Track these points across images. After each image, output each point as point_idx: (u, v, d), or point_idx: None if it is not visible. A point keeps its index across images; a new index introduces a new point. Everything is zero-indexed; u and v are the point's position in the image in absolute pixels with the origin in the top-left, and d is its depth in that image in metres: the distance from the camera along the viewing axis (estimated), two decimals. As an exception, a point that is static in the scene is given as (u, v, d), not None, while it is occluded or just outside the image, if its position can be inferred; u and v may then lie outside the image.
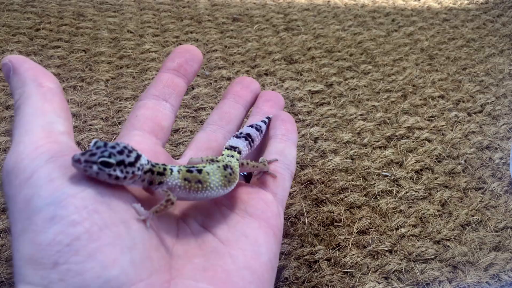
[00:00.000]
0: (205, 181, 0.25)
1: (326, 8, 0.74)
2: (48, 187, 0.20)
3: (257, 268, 0.25)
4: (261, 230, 0.27)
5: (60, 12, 0.65)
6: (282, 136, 0.33)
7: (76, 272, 0.19)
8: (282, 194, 0.30)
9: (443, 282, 0.35)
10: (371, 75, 0.58)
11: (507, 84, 0.58)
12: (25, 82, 0.24)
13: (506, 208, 0.41)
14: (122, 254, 0.20)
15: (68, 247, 0.19)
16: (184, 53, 0.33)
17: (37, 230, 0.19)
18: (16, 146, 0.22)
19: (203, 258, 0.24)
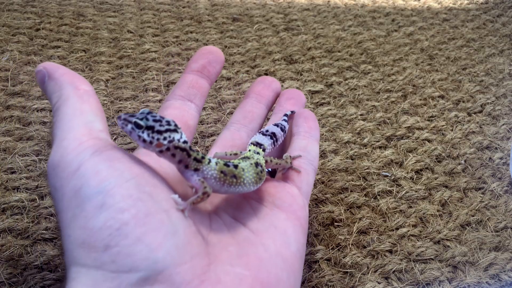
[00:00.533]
0: (240, 176, 0.26)
1: (326, 8, 0.74)
2: (95, 178, 0.22)
3: (288, 257, 0.26)
4: (289, 222, 0.28)
5: (60, 12, 0.65)
6: (305, 133, 0.35)
7: (127, 254, 0.20)
8: (306, 188, 0.32)
9: (443, 282, 0.35)
10: (371, 75, 0.58)
11: (507, 84, 0.58)
12: (62, 86, 0.26)
13: (506, 208, 0.41)
14: (166, 238, 0.21)
15: (118, 231, 0.21)
16: (208, 54, 0.35)
17: (88, 216, 0.21)
18: (60, 142, 0.24)
19: (237, 247, 0.25)
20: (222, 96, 0.52)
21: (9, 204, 0.37)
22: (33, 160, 0.42)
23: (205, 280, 0.22)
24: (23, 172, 0.41)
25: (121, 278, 0.20)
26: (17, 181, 0.39)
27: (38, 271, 0.33)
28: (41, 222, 0.37)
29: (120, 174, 0.22)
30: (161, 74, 0.55)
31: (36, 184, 0.39)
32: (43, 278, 0.33)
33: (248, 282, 0.23)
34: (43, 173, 0.41)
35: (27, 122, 0.46)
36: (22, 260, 0.34)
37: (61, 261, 0.34)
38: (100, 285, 0.20)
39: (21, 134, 0.44)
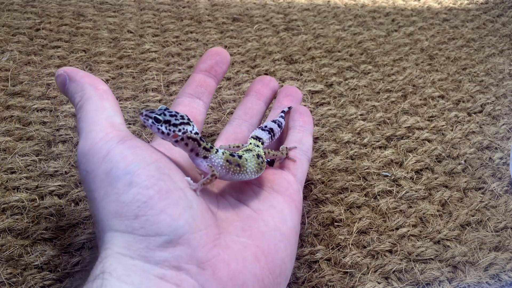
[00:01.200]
0: (243, 165, 0.30)
1: (326, 8, 0.74)
2: (123, 162, 0.26)
3: (285, 231, 0.30)
4: (285, 203, 0.32)
5: (60, 12, 0.65)
6: (300, 127, 0.38)
7: (153, 222, 0.24)
8: (301, 176, 0.36)
9: (443, 282, 0.35)
10: (371, 75, 0.58)
11: (507, 84, 0.58)
12: (84, 87, 0.30)
13: (506, 208, 0.41)
14: (184, 211, 0.25)
15: (145, 204, 0.25)
16: (215, 55, 0.39)
17: (119, 192, 0.25)
18: (88, 134, 0.27)
19: (241, 222, 0.30)
20: (222, 96, 0.52)
21: (9, 204, 0.37)
22: (33, 160, 0.42)
23: (217, 245, 0.26)
24: (23, 172, 0.41)
25: (149, 240, 0.24)
26: (17, 181, 0.39)
27: (38, 271, 0.33)
28: (41, 222, 0.37)
29: (143, 159, 0.26)
30: (161, 74, 0.55)
31: (36, 184, 0.39)
32: (43, 278, 0.33)
33: (251, 249, 0.28)
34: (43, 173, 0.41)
35: (27, 122, 0.46)
36: (22, 260, 0.34)
37: (61, 261, 0.34)
38: (132, 246, 0.24)
39: (21, 134, 0.44)
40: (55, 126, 0.46)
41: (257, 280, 0.27)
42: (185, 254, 0.25)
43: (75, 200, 0.39)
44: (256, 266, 0.27)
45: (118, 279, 0.23)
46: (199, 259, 0.25)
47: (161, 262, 0.24)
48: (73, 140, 0.44)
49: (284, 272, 0.29)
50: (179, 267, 0.24)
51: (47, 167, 0.41)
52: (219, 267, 0.25)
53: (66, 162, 0.42)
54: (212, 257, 0.25)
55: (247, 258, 0.27)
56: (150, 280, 0.24)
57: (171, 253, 0.24)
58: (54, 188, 0.39)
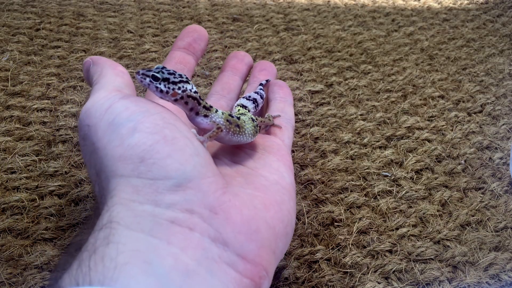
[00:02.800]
0: (242, 126, 0.30)
1: (326, 8, 0.74)
2: (126, 111, 0.25)
3: (285, 185, 0.30)
4: (280, 162, 0.32)
5: (60, 12, 0.65)
6: (281, 98, 0.39)
7: (160, 166, 0.24)
8: (287, 141, 0.36)
9: (443, 282, 0.35)
10: (371, 75, 0.58)
11: (507, 84, 0.58)
12: (103, 67, 0.30)
13: (506, 208, 0.41)
14: (191, 157, 0.25)
15: (151, 147, 0.24)
16: (192, 32, 0.39)
17: (123, 137, 0.24)
18: (92, 96, 0.28)
19: (242, 178, 0.29)
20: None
21: (9, 204, 0.37)
22: (33, 160, 0.42)
23: (227, 192, 0.26)
24: (23, 172, 0.41)
25: (158, 184, 0.24)
26: (17, 181, 0.39)
27: (38, 271, 0.33)
28: (41, 222, 0.37)
29: (146, 110, 0.26)
30: (161, 74, 0.55)
31: (36, 184, 0.39)
32: (43, 278, 0.33)
33: (259, 199, 0.27)
34: (43, 173, 0.41)
35: (27, 122, 0.46)
36: (22, 260, 0.34)
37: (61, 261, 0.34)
38: (140, 190, 0.23)
39: (21, 134, 0.44)
40: (55, 126, 0.46)
41: (270, 227, 0.26)
42: (196, 198, 0.24)
43: (75, 200, 0.39)
44: (267, 214, 0.27)
45: (127, 227, 0.22)
46: (211, 204, 0.24)
47: (172, 205, 0.23)
48: (73, 140, 0.44)
49: (291, 222, 0.29)
50: (191, 210, 0.24)
51: (47, 167, 0.41)
52: (231, 212, 0.25)
53: (66, 162, 0.42)
54: (223, 202, 0.25)
55: (258, 206, 0.27)
56: (161, 225, 0.23)
57: (182, 196, 0.24)
58: (54, 188, 0.39)
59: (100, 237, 0.22)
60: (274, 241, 0.27)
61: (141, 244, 0.22)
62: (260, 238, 0.25)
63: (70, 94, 0.50)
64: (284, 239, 0.28)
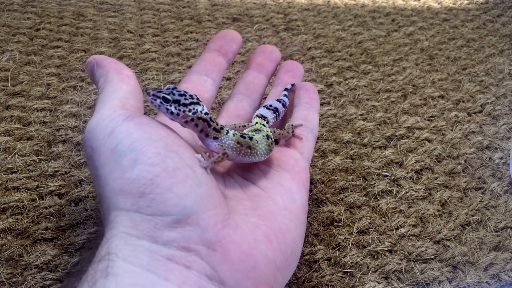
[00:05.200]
0: (254, 147, 0.30)
1: (326, 8, 0.74)
2: (128, 138, 0.25)
3: (295, 210, 0.29)
4: (293, 181, 0.31)
5: (60, 12, 0.65)
6: (306, 104, 0.37)
7: (160, 201, 0.24)
8: (307, 153, 0.35)
9: (443, 282, 0.35)
10: (371, 75, 0.58)
11: (507, 84, 0.58)
12: (108, 71, 0.30)
13: (506, 208, 0.41)
14: (192, 189, 0.25)
15: (151, 181, 0.24)
16: (225, 36, 0.38)
17: (124, 169, 0.24)
18: (97, 112, 0.27)
19: (250, 201, 0.29)
20: (222, 96, 0.52)
21: (9, 204, 0.37)
22: (33, 160, 0.42)
23: (227, 226, 0.25)
24: (23, 172, 0.41)
25: (156, 220, 0.24)
26: (17, 181, 0.39)
27: (38, 271, 0.33)
28: (41, 222, 0.37)
29: (149, 136, 0.25)
30: (161, 74, 0.55)
31: (36, 184, 0.39)
32: (43, 278, 0.33)
33: (263, 229, 0.27)
34: (43, 173, 0.41)
35: (27, 122, 0.46)
36: (22, 260, 0.34)
37: (61, 261, 0.34)
38: (138, 225, 0.23)
39: (21, 134, 0.44)
40: (55, 126, 0.46)
41: (269, 262, 0.26)
42: (194, 234, 0.24)
43: (75, 200, 0.39)
44: (268, 247, 0.26)
45: (124, 260, 0.22)
46: (209, 240, 0.24)
47: (169, 243, 0.23)
48: (73, 140, 0.44)
49: (295, 252, 0.28)
50: (188, 248, 0.24)
51: (47, 167, 0.41)
52: (230, 248, 0.24)
53: (66, 162, 0.42)
54: (222, 238, 0.24)
55: (259, 239, 0.26)
56: (158, 261, 0.23)
57: (180, 233, 0.24)
58: (54, 188, 0.39)
59: (99, 268, 0.22)
60: (273, 275, 0.26)
61: (139, 278, 0.22)
62: (257, 275, 0.25)
63: (70, 94, 0.50)
64: (285, 271, 0.27)
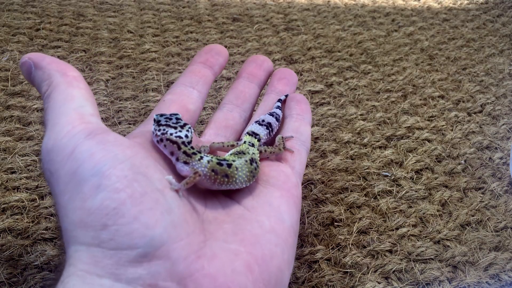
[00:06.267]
0: (232, 176, 0.27)
1: (326, 8, 0.74)
2: (90, 160, 0.22)
3: (281, 233, 0.27)
4: (283, 199, 0.29)
5: (60, 12, 0.65)
6: (297, 116, 0.35)
7: (125, 232, 0.21)
8: (299, 168, 0.33)
9: (443, 282, 0.35)
10: (371, 75, 0.58)
11: (507, 84, 0.58)
12: (51, 74, 0.26)
13: (506, 208, 0.41)
14: (162, 216, 0.22)
15: (115, 211, 0.21)
16: (211, 50, 0.37)
17: (85, 197, 0.22)
18: (53, 127, 0.24)
19: (232, 224, 0.26)
20: (222, 96, 0.52)
21: (9, 204, 0.37)
22: (33, 160, 0.42)
23: (201, 256, 0.23)
24: (23, 172, 0.41)
25: (120, 254, 0.21)
26: (17, 181, 0.39)
27: (38, 271, 0.33)
28: (41, 222, 0.37)
29: (114, 156, 0.23)
30: (161, 74, 0.55)
31: (36, 184, 0.39)
32: (43, 278, 0.33)
33: (243, 257, 0.24)
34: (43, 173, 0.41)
35: (27, 122, 0.46)
36: (22, 260, 0.34)
37: (61, 261, 0.34)
38: (99, 261, 0.21)
39: (21, 134, 0.44)
40: (55, 126, 0.46)
41: None
42: (163, 269, 0.21)
43: (75, 200, 0.39)
44: (249, 278, 0.23)
45: None
46: (179, 275, 0.21)
47: (134, 281, 0.21)
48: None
49: (281, 280, 0.26)
50: (155, 286, 0.21)
51: (47, 167, 0.41)
52: (203, 283, 0.22)
53: (66, 162, 0.42)
54: (195, 271, 0.22)
55: (238, 269, 0.23)
56: None
57: (146, 269, 0.21)
58: (54, 188, 0.39)
59: None
60: None
61: None
62: None
63: (70, 94, 0.50)
64: None
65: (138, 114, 0.49)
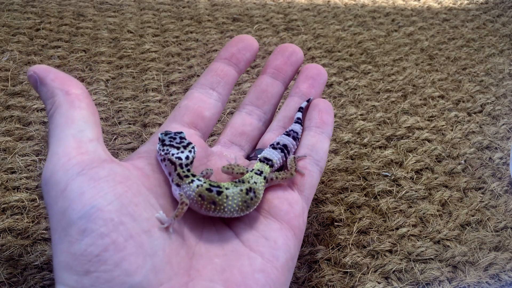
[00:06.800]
0: (220, 204, 0.27)
1: (326, 8, 0.74)
2: (79, 200, 0.23)
3: (272, 272, 0.26)
4: (281, 232, 0.28)
5: (60, 12, 0.65)
6: (316, 129, 0.33)
7: (105, 279, 0.21)
8: (308, 192, 0.31)
9: (443, 282, 0.35)
10: (371, 75, 0.58)
11: (507, 84, 0.58)
12: (54, 92, 0.26)
13: (506, 208, 0.41)
14: (144, 261, 0.22)
15: (97, 258, 0.22)
16: (239, 42, 0.34)
17: (71, 241, 0.22)
18: (52, 157, 0.24)
19: (223, 259, 0.26)
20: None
21: (9, 204, 0.37)
22: (33, 160, 0.42)
23: None
24: (23, 172, 0.41)
25: None
26: (17, 181, 0.39)
27: (38, 271, 0.33)
28: (41, 222, 0.37)
29: (103, 196, 0.23)
30: (161, 74, 0.55)
31: (36, 184, 0.39)
32: (43, 278, 0.33)
33: None
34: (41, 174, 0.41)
35: (27, 122, 0.46)
36: (22, 260, 0.34)
37: None
38: None
39: (21, 134, 0.44)
40: (55, 126, 0.46)
41: None
42: None
43: (75, 200, 0.39)
44: None
45: None
46: None
47: None
48: (73, 140, 0.44)
49: None
50: None
51: (47, 167, 0.41)
52: None
53: (66, 162, 0.42)
54: None
55: None
56: None
57: None
58: (54, 188, 0.39)
59: None
60: None
61: None
62: None
63: (70, 94, 0.50)
64: None
65: (138, 114, 0.49)
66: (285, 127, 0.35)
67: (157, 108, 0.49)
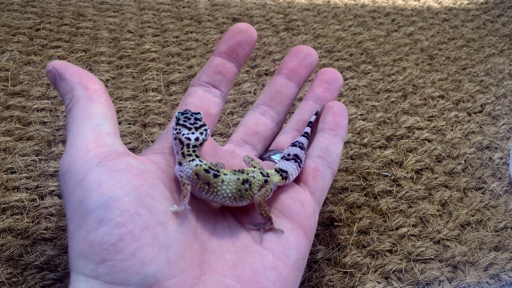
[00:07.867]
0: (214, 186, 0.27)
1: (326, 8, 0.74)
2: (97, 190, 0.23)
3: (284, 270, 0.26)
4: (293, 232, 0.28)
5: (60, 12, 0.65)
6: (330, 132, 0.33)
7: (120, 268, 0.22)
8: (320, 194, 0.32)
9: (443, 282, 0.35)
10: (371, 75, 0.58)
11: (507, 84, 0.58)
12: (73, 87, 0.27)
13: (506, 208, 0.41)
14: (159, 253, 0.23)
15: (113, 246, 0.22)
16: (238, 34, 0.33)
17: (88, 229, 0.22)
18: (70, 148, 0.25)
19: (234, 255, 0.26)
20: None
21: (9, 204, 0.37)
22: (33, 160, 0.42)
23: None
24: (23, 172, 0.41)
25: None
26: (17, 181, 0.39)
27: (38, 271, 0.33)
28: (41, 222, 0.37)
29: (121, 187, 0.23)
30: (161, 74, 0.55)
31: (36, 184, 0.39)
32: (43, 278, 0.33)
33: None
34: (43, 173, 0.41)
35: (27, 122, 0.46)
36: (22, 260, 0.34)
37: (61, 261, 0.34)
38: None
39: (21, 134, 0.44)
40: (55, 126, 0.46)
41: None
42: None
43: (75, 200, 0.39)
44: None
45: None
46: None
47: None
48: (73, 140, 0.44)
49: None
50: None
51: (47, 167, 0.41)
52: None
53: (66, 162, 0.42)
54: None
55: None
56: None
57: None
58: (54, 188, 0.39)
59: None
60: None
61: None
62: None
63: (70, 94, 0.50)
64: None
65: (138, 114, 0.49)
66: (298, 130, 0.35)
67: (157, 108, 0.49)
